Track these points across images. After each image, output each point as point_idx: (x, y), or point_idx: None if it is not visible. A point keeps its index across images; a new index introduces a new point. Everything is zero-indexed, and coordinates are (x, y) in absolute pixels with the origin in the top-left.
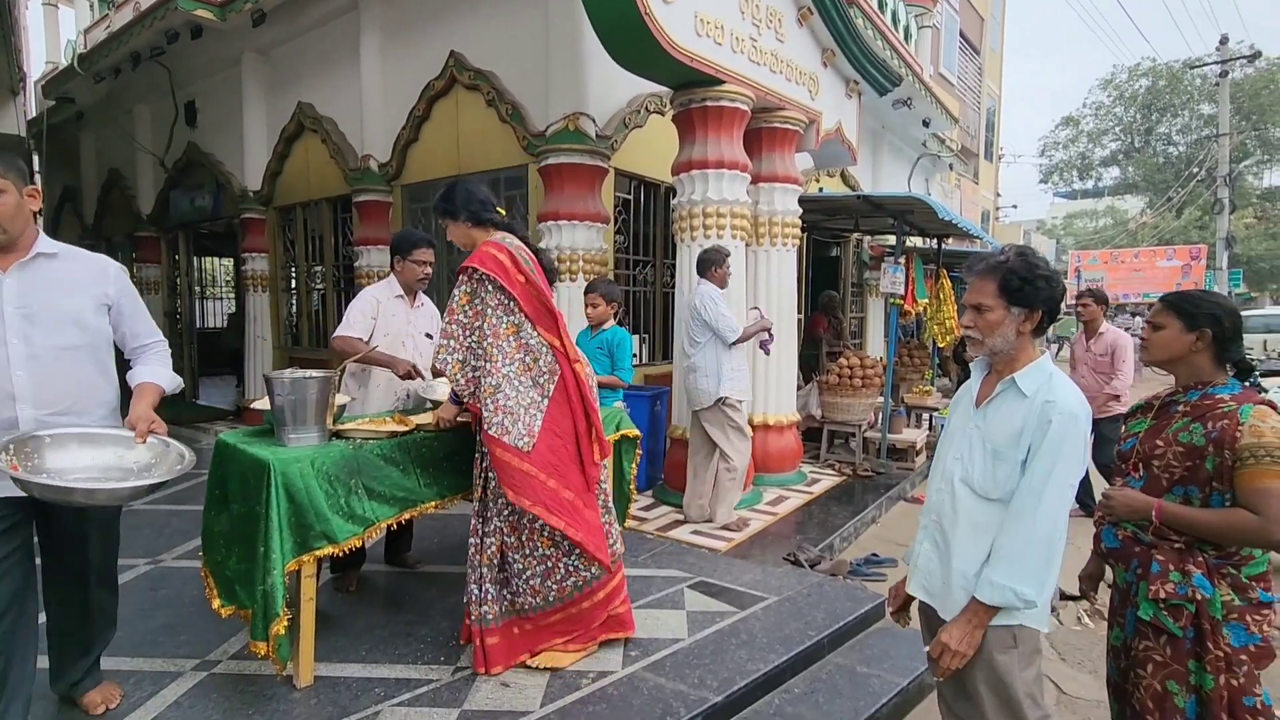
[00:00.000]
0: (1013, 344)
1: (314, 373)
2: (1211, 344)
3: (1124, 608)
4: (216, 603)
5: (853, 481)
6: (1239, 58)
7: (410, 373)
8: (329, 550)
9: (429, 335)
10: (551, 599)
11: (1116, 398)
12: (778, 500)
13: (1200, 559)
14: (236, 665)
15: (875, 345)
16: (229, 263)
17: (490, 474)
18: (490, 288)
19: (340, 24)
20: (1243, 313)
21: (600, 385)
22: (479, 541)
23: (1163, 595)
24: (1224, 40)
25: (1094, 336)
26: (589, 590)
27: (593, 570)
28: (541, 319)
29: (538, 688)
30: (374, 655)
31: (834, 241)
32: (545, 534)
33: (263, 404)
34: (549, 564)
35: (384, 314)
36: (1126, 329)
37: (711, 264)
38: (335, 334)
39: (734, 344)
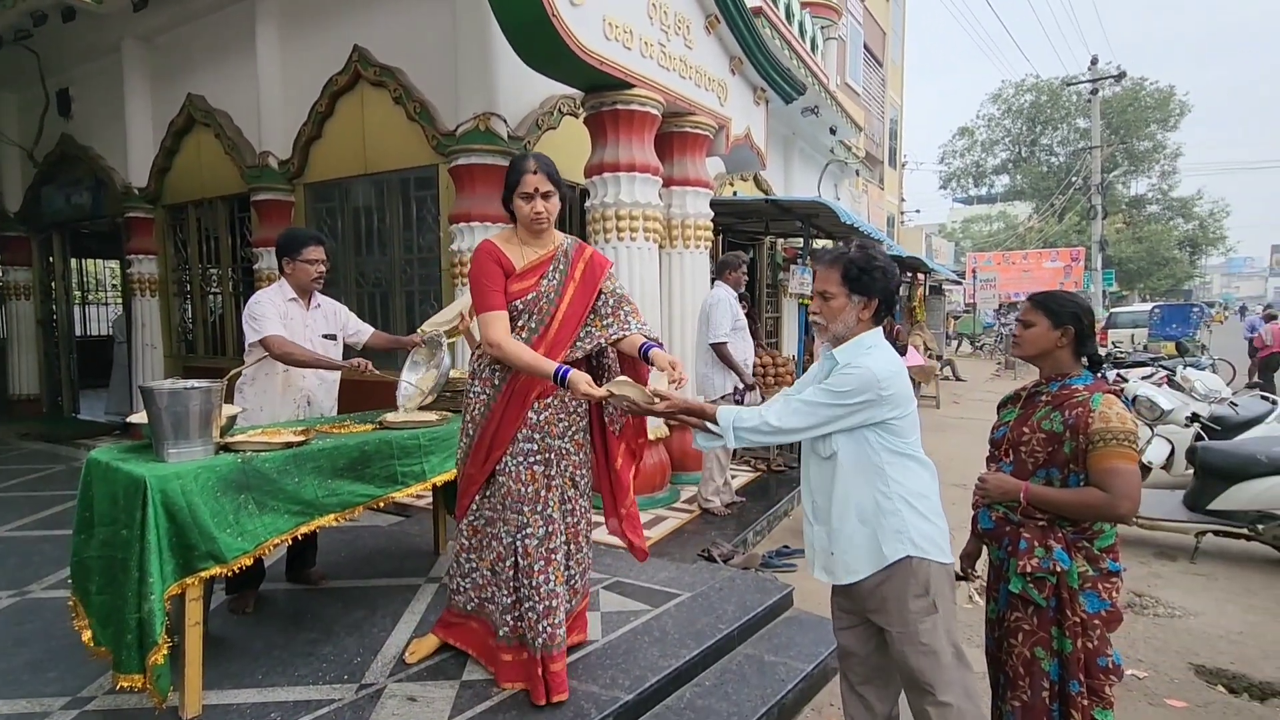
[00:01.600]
0: (853, 329)
1: (195, 383)
2: (1073, 339)
3: (997, 583)
4: (87, 634)
5: (766, 476)
6: (1107, 77)
7: (364, 368)
8: (216, 571)
9: (329, 337)
10: (575, 603)
11: None
12: (694, 498)
13: (1060, 534)
14: (113, 700)
15: (790, 345)
16: (116, 265)
17: (557, 479)
18: None
19: (234, 12)
20: (1114, 310)
21: None
22: (546, 561)
23: (1029, 569)
24: (1094, 61)
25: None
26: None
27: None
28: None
29: (446, 700)
30: (271, 678)
31: (749, 244)
32: (586, 533)
33: (140, 418)
34: (587, 562)
35: (281, 318)
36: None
37: (727, 267)
38: (267, 336)
39: (712, 345)
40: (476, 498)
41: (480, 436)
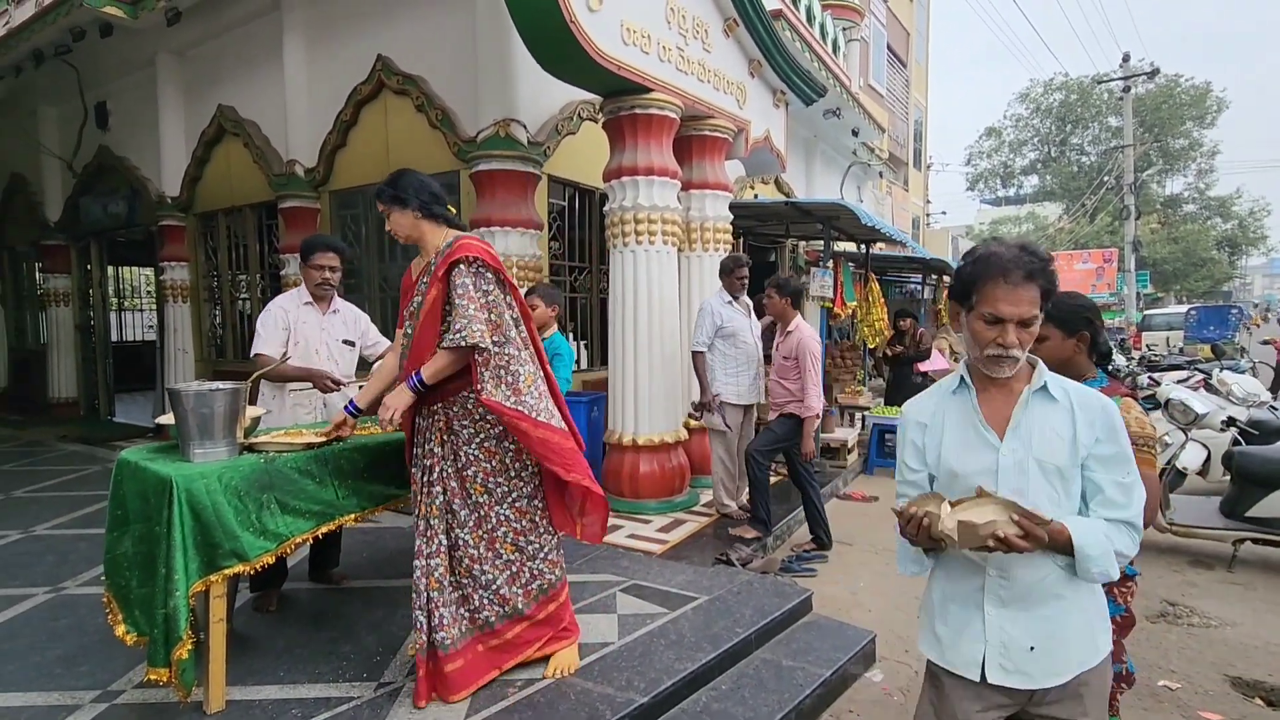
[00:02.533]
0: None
1: (220, 385)
2: (1089, 343)
3: None
4: (121, 629)
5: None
6: (1140, 74)
7: (328, 385)
8: (240, 568)
9: (349, 342)
10: (520, 606)
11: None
12: (712, 502)
13: None
14: (141, 694)
15: None
16: (150, 272)
17: (437, 486)
18: (492, 280)
19: (261, 24)
20: (1149, 312)
21: None
22: (425, 563)
23: None
24: (1126, 58)
25: (782, 335)
26: (554, 593)
27: (555, 573)
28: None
29: (463, 701)
30: (292, 675)
31: (770, 246)
32: (509, 540)
33: (168, 419)
34: (514, 569)
35: (294, 323)
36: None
37: (723, 271)
38: (255, 354)
39: (694, 353)
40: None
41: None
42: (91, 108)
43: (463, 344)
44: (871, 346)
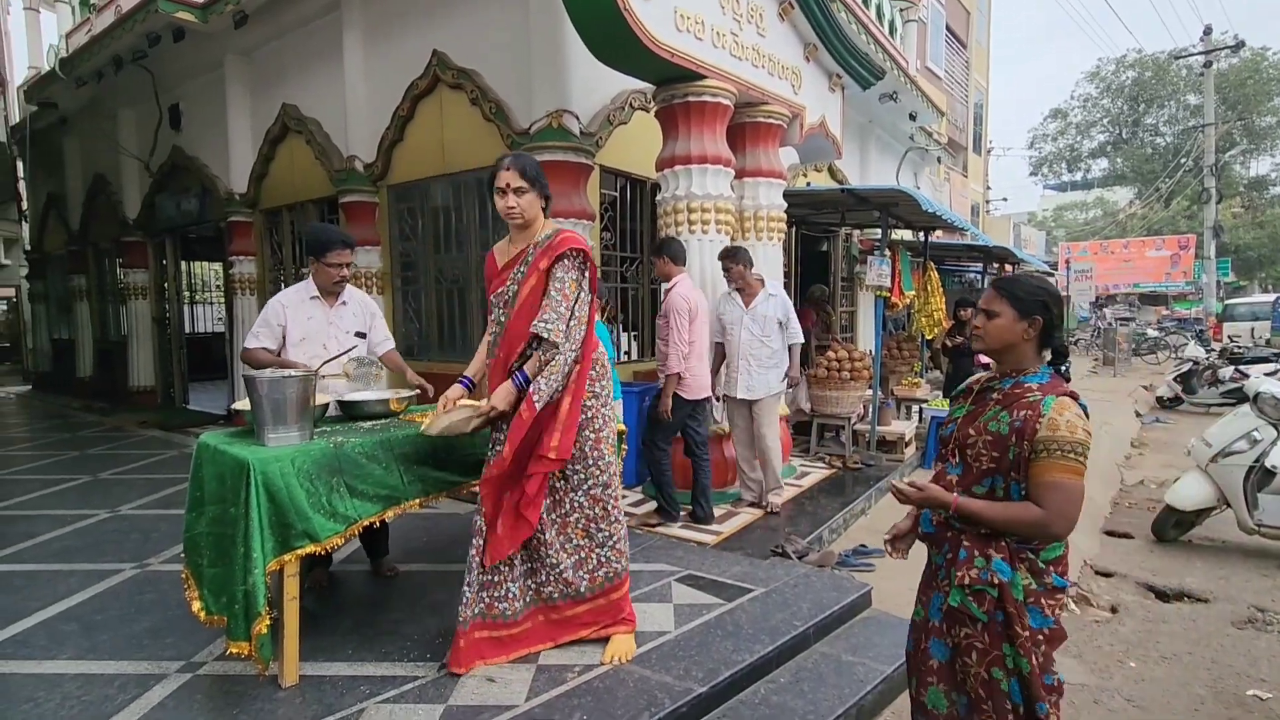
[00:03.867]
0: None
1: (292, 372)
2: (1040, 331)
3: (928, 589)
4: (196, 605)
5: (842, 474)
6: (1223, 48)
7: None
8: (311, 549)
9: (360, 334)
10: (583, 590)
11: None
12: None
13: (1003, 543)
14: (222, 666)
15: (866, 338)
16: (220, 267)
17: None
18: (586, 275)
19: (322, 24)
20: (1230, 301)
21: None
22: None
23: (967, 581)
24: (1208, 31)
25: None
26: (618, 582)
27: (621, 563)
28: (593, 312)
29: (523, 682)
30: (360, 653)
31: (824, 236)
32: (580, 525)
33: (244, 405)
34: (581, 554)
35: (296, 318)
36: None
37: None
38: (243, 350)
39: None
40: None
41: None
42: (166, 110)
43: (544, 335)
44: (929, 337)
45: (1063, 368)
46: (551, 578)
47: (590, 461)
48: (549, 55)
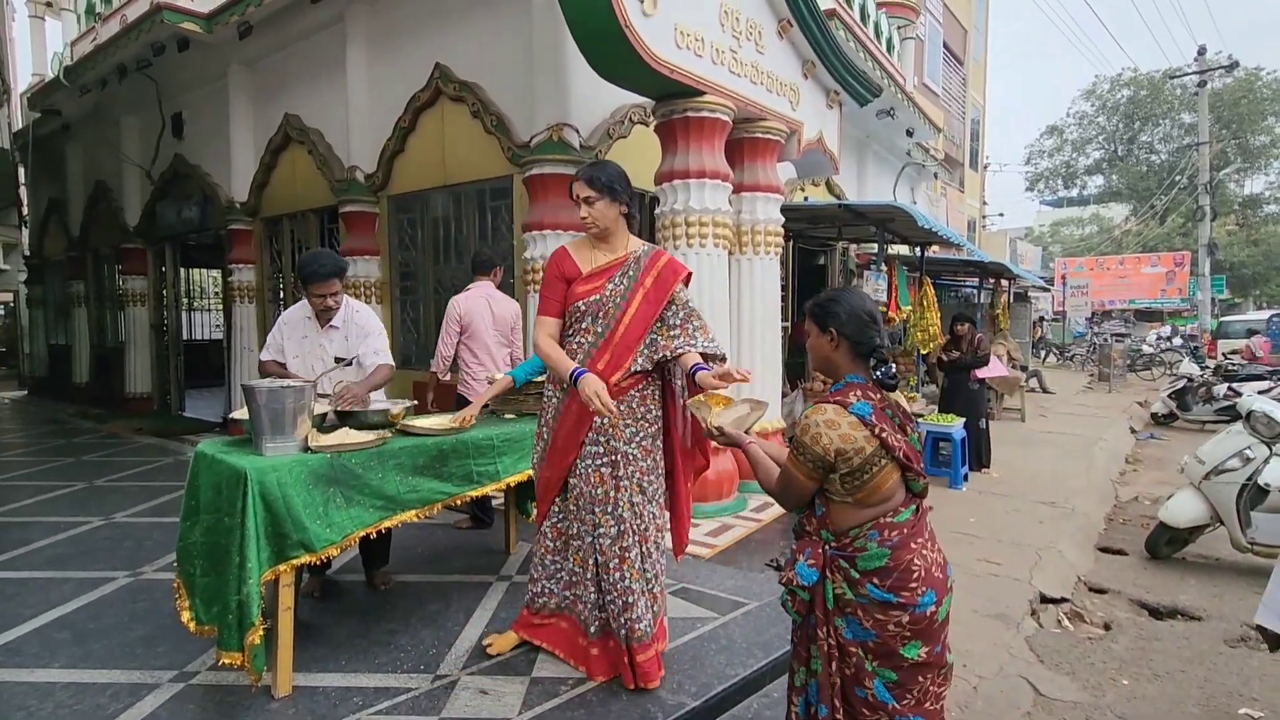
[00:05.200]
0: None
1: (291, 382)
2: (846, 342)
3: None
4: (186, 615)
5: None
6: (1217, 68)
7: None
8: (307, 559)
9: (340, 360)
10: (645, 629)
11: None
12: (762, 507)
13: (820, 549)
14: (215, 676)
15: None
16: (218, 274)
17: (605, 483)
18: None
19: (326, 36)
20: (1225, 318)
21: None
22: (620, 558)
23: (785, 580)
24: (1202, 51)
25: None
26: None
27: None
28: None
29: (516, 695)
30: (354, 664)
31: (821, 250)
32: (654, 540)
33: (242, 414)
34: (650, 589)
35: (292, 336)
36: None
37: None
38: (260, 360)
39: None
40: (557, 501)
41: (553, 440)
42: (169, 118)
43: (718, 353)
44: (925, 352)
45: (879, 373)
46: (625, 620)
47: (661, 472)
48: (550, 69)
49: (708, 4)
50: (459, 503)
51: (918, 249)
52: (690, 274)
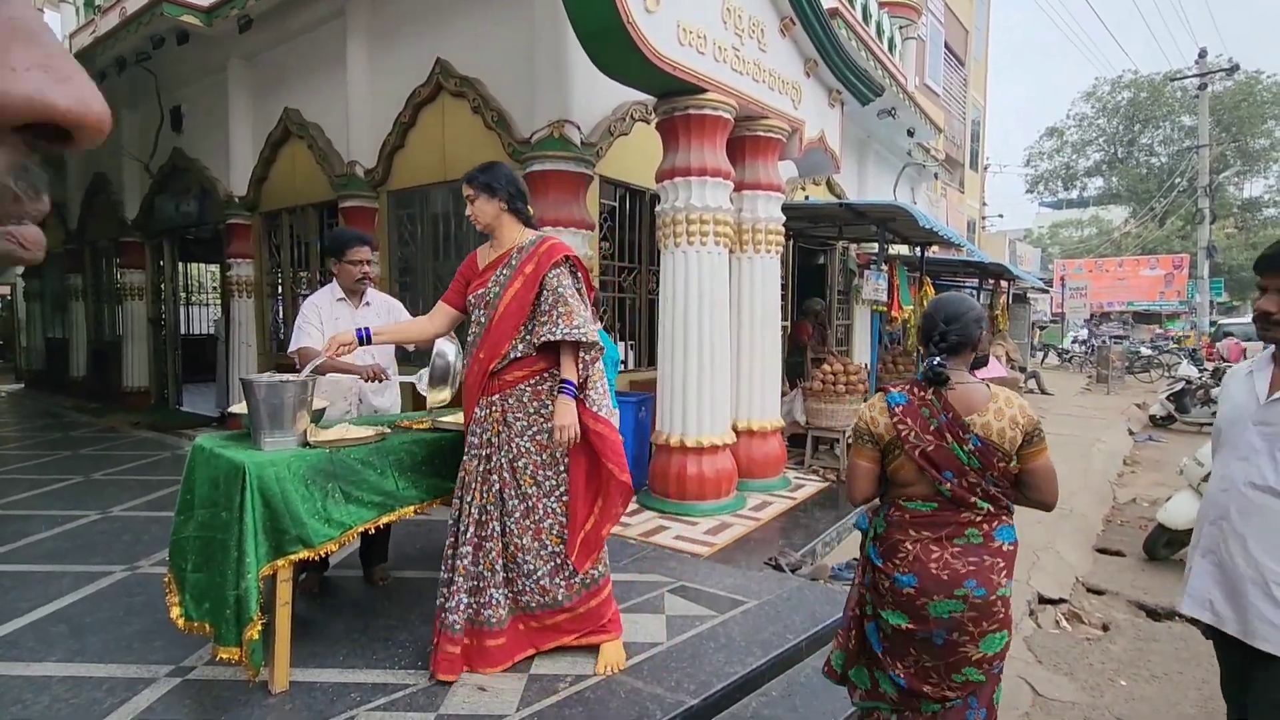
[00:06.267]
0: None
1: (290, 376)
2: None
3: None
4: (175, 611)
5: (836, 487)
6: (1217, 70)
7: (376, 374)
8: (305, 554)
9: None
10: (560, 598)
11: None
12: (761, 505)
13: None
14: (211, 671)
15: (862, 352)
16: (215, 268)
17: (494, 475)
18: (579, 279)
19: (327, 30)
20: (1223, 321)
21: None
22: (479, 545)
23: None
24: (1203, 54)
25: None
26: (596, 588)
27: (599, 569)
28: (594, 316)
29: (514, 692)
30: (351, 660)
31: (821, 249)
32: (555, 532)
33: (241, 408)
34: (557, 560)
35: (327, 319)
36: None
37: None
38: (293, 348)
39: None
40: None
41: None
42: (168, 112)
43: (584, 339)
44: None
45: (921, 366)
46: (528, 586)
47: (562, 468)
48: (552, 66)
49: (710, 1)
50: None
51: (918, 249)
52: (570, 255)
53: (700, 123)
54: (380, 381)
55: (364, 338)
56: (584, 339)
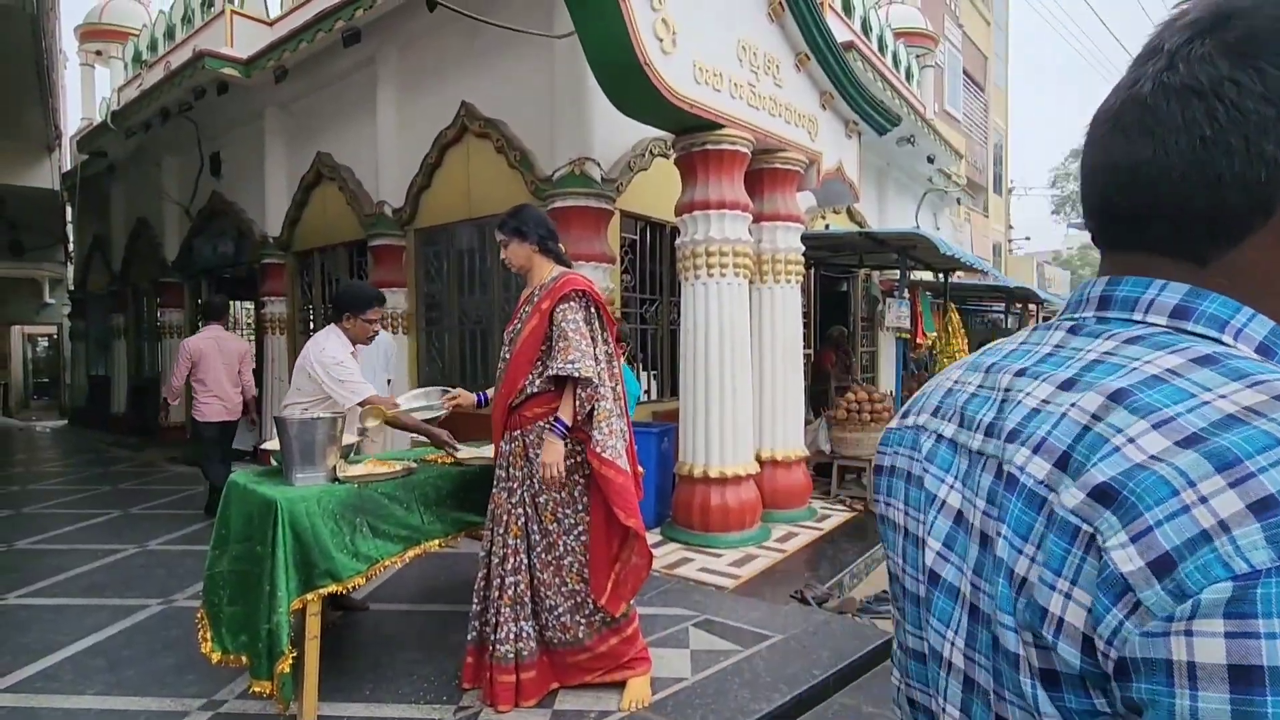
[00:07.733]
0: None
1: (321, 413)
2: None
3: None
4: (208, 646)
5: (864, 517)
6: None
7: (446, 445)
8: (334, 588)
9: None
10: (580, 636)
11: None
12: (787, 537)
13: None
14: (242, 705)
15: (887, 379)
16: (251, 306)
17: (519, 509)
18: (595, 313)
19: (358, 78)
20: None
21: None
22: (501, 580)
23: None
24: None
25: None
26: (618, 627)
27: (620, 608)
28: (615, 352)
29: (531, 707)
30: (378, 694)
31: (843, 276)
32: (575, 570)
33: (273, 444)
34: (577, 599)
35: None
36: None
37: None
38: (360, 398)
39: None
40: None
41: None
42: (207, 158)
43: (576, 374)
44: None
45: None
46: (550, 621)
47: (580, 507)
48: (572, 106)
49: (726, 40)
50: (479, 533)
51: (941, 275)
52: (583, 290)
53: (718, 157)
54: (455, 449)
55: (483, 402)
56: (576, 374)
